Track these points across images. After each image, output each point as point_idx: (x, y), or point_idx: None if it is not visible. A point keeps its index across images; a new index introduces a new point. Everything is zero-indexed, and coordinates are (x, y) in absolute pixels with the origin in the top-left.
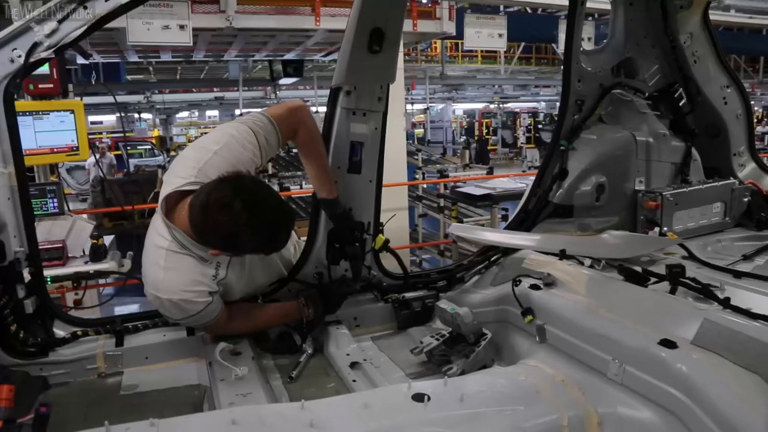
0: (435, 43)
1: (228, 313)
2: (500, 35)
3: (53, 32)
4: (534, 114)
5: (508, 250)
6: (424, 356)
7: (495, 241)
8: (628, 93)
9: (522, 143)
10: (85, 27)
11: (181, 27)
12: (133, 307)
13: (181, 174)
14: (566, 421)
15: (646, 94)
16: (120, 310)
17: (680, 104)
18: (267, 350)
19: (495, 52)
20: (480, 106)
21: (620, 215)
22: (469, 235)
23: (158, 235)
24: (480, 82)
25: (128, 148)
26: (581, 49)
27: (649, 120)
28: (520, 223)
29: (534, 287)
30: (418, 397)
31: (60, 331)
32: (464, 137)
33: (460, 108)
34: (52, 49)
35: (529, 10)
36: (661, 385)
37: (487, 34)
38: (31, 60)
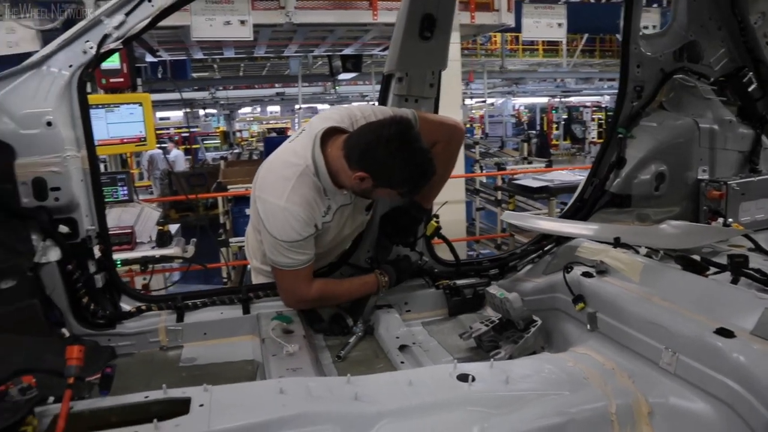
0: (494, 36)
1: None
2: (559, 25)
3: (121, 24)
4: (605, 108)
5: (561, 239)
6: (473, 342)
7: (548, 230)
8: (692, 78)
9: (593, 138)
10: (150, 19)
11: (242, 22)
12: None
13: (335, 119)
14: (614, 408)
15: (711, 80)
16: None
17: (749, 89)
18: (319, 331)
19: (557, 45)
20: (543, 100)
21: (681, 205)
22: (522, 223)
23: (296, 154)
24: (541, 76)
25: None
26: (640, 33)
27: (713, 106)
28: (576, 213)
29: (586, 275)
30: (463, 377)
31: (126, 306)
32: (526, 131)
33: (520, 102)
34: (120, 40)
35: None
36: (717, 375)
37: (545, 24)
38: (102, 50)
